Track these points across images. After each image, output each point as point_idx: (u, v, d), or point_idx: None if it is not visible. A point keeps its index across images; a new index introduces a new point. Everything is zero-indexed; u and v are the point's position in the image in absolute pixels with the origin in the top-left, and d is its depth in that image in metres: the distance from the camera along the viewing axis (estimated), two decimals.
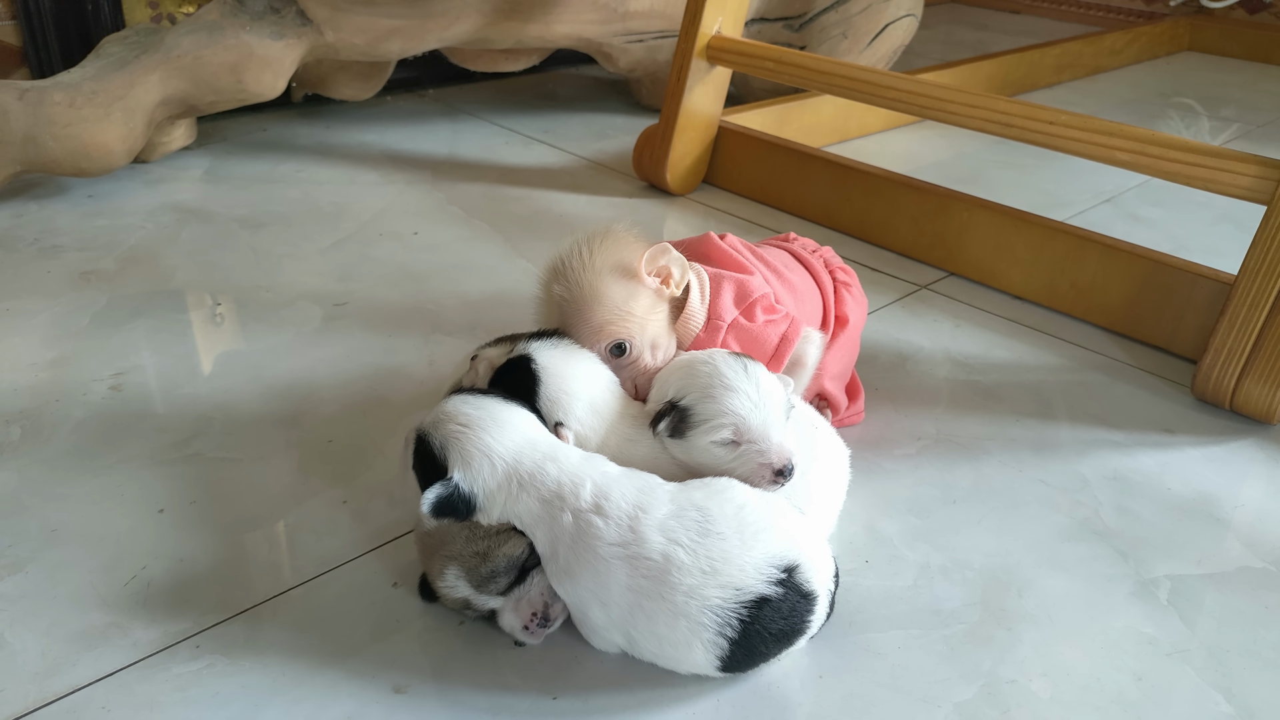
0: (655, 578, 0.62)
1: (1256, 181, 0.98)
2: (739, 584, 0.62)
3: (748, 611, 0.62)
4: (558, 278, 0.79)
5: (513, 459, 0.66)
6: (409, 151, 1.69)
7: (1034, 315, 1.20)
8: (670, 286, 0.80)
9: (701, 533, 0.63)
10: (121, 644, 0.68)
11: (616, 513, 0.64)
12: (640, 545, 0.63)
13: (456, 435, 0.66)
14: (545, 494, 0.65)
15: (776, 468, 0.71)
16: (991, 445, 0.94)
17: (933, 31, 2.84)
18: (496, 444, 0.66)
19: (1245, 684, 0.69)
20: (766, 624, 0.63)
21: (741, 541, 0.64)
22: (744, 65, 1.44)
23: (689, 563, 0.62)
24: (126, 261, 1.25)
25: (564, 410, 0.73)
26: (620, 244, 0.80)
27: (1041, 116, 1.14)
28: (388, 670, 0.66)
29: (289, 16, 1.47)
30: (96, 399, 0.96)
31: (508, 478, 0.66)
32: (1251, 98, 2.29)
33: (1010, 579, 0.77)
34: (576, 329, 0.78)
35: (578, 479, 0.66)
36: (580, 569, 0.64)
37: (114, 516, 0.80)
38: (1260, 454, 0.95)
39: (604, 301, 0.77)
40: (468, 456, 0.66)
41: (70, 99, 1.34)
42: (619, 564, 0.63)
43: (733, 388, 0.71)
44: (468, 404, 0.68)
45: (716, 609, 0.62)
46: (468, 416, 0.67)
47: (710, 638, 0.62)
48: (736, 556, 0.63)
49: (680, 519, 0.64)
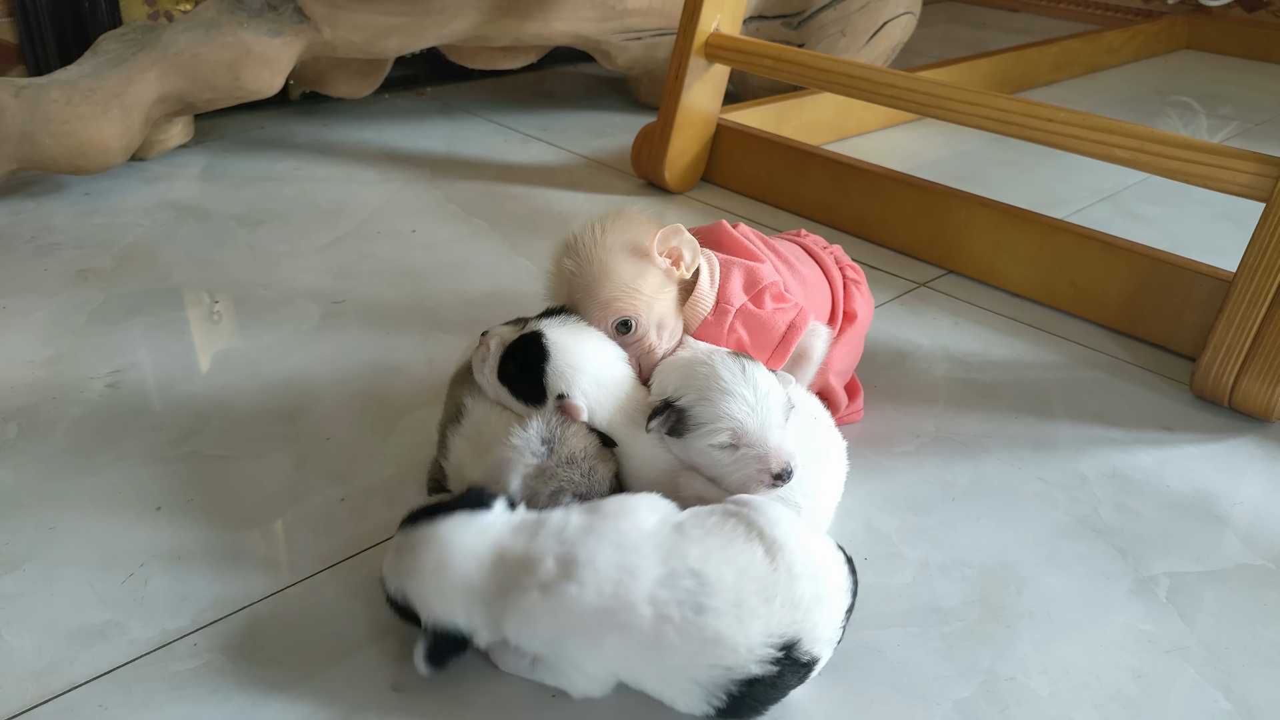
0: (646, 645, 0.59)
1: (1255, 179, 0.98)
2: (730, 664, 0.59)
3: (737, 687, 0.59)
4: (569, 253, 0.80)
5: (466, 581, 0.62)
6: (407, 149, 1.69)
7: (1033, 313, 1.20)
8: (680, 268, 0.81)
9: (695, 609, 0.59)
10: (119, 642, 0.68)
11: (593, 578, 0.60)
12: (629, 614, 0.59)
13: (415, 585, 0.63)
14: (502, 585, 0.62)
15: (774, 472, 0.71)
16: (990, 443, 0.94)
17: (931, 29, 2.84)
18: (442, 584, 0.62)
19: (1244, 681, 0.69)
20: (757, 697, 0.60)
21: (738, 620, 0.59)
22: (742, 63, 1.44)
23: (678, 642, 0.59)
24: (124, 259, 1.25)
25: (568, 383, 0.73)
26: (633, 224, 0.81)
27: (1040, 114, 1.14)
28: (385, 668, 0.66)
29: (286, 14, 1.47)
30: (93, 396, 0.96)
31: (469, 599, 0.62)
32: (1249, 95, 2.29)
33: (1009, 576, 0.77)
34: (584, 304, 0.78)
35: (534, 556, 0.62)
36: (566, 635, 0.61)
37: (111, 514, 0.80)
38: (1259, 451, 0.95)
39: (613, 278, 0.77)
40: (427, 600, 0.63)
41: (67, 96, 1.33)
42: (610, 630, 0.60)
43: (730, 392, 0.71)
44: (411, 537, 0.64)
45: (704, 683, 0.59)
46: (415, 561, 0.63)
47: (699, 697, 0.60)
48: (730, 638, 0.59)
49: (672, 588, 0.60)
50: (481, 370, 0.76)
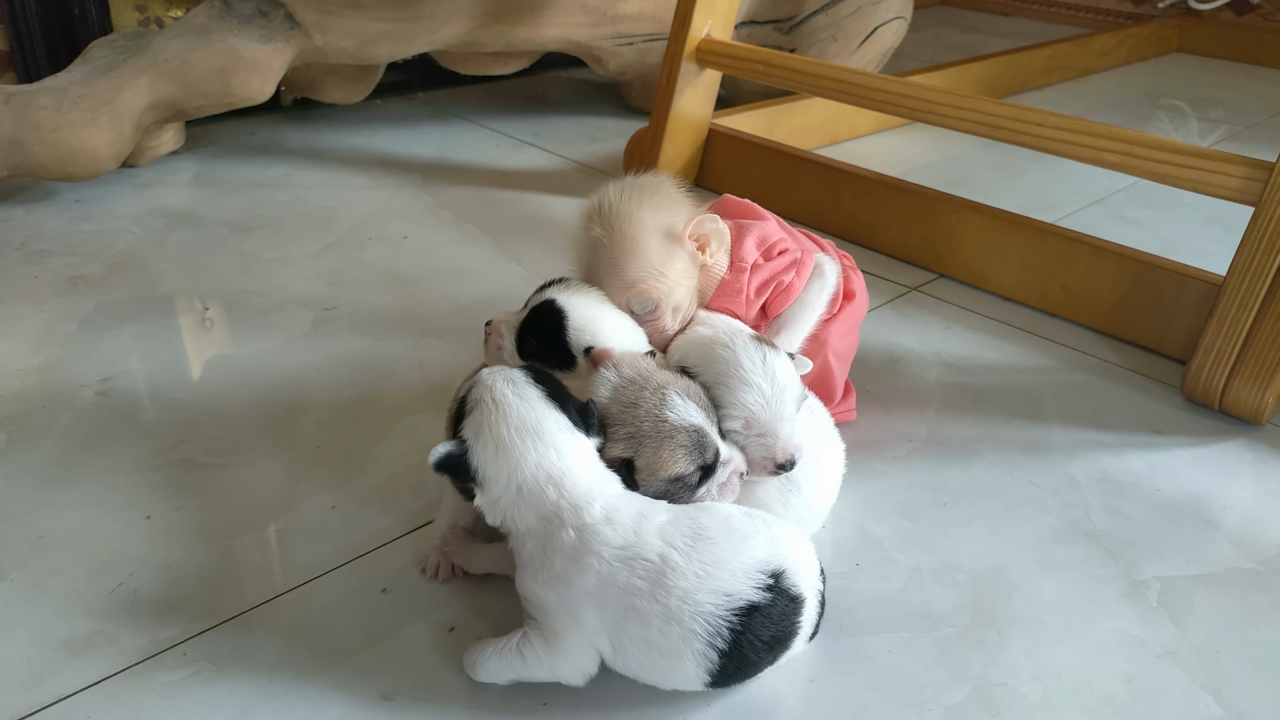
0: (651, 579, 0.62)
1: (1244, 183, 0.99)
2: (729, 589, 0.62)
3: (739, 620, 0.62)
4: (599, 219, 0.80)
5: (517, 468, 0.64)
6: (399, 155, 1.69)
7: (1024, 317, 1.20)
8: (705, 254, 0.81)
9: (694, 538, 0.63)
10: (108, 652, 0.67)
11: (622, 520, 0.64)
12: (640, 547, 0.63)
13: (485, 410, 0.65)
14: (544, 512, 0.64)
15: (779, 461, 0.72)
16: (982, 447, 0.94)
17: (922, 34, 2.85)
18: (511, 445, 0.64)
19: (1235, 685, 0.69)
20: (758, 632, 0.62)
21: (731, 545, 0.64)
22: (733, 68, 1.44)
23: (683, 565, 0.62)
24: (114, 266, 1.24)
25: (592, 333, 0.74)
26: (668, 202, 0.81)
27: (1030, 118, 1.14)
28: (376, 677, 0.66)
29: (277, 20, 1.47)
30: (83, 405, 0.95)
31: (509, 479, 0.64)
32: (1240, 99, 2.30)
33: (1000, 581, 0.77)
34: (607, 276, 0.79)
35: (583, 500, 0.64)
36: (579, 574, 0.63)
37: (101, 523, 0.80)
38: (1249, 454, 0.95)
39: (641, 258, 0.78)
40: (480, 436, 0.64)
41: (57, 103, 1.33)
42: (619, 565, 0.63)
43: (748, 381, 0.72)
44: (514, 388, 0.65)
45: (708, 615, 0.61)
46: (505, 401, 0.65)
47: (701, 648, 0.61)
48: (728, 560, 0.63)
49: (676, 525, 0.64)
50: (499, 356, 0.77)
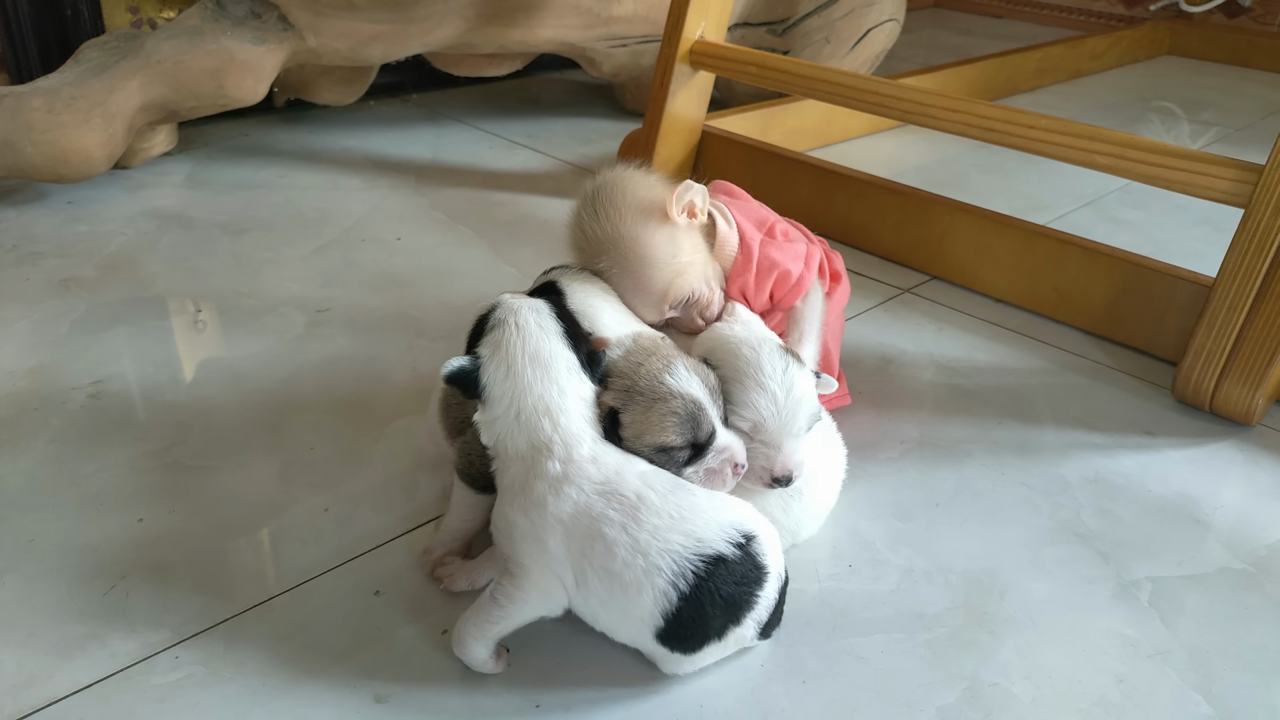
0: (625, 511, 0.63)
1: (1234, 185, 0.99)
2: (701, 535, 0.63)
3: (704, 566, 0.63)
4: (597, 253, 0.80)
5: (522, 394, 0.66)
6: (392, 156, 1.69)
7: (1016, 318, 1.20)
8: (698, 216, 0.82)
9: (675, 486, 0.66)
10: (100, 655, 0.67)
11: (606, 461, 0.66)
12: (620, 485, 0.64)
13: (506, 331, 0.67)
14: (536, 441, 0.66)
15: (776, 474, 0.72)
16: (974, 448, 0.94)
17: (915, 36, 2.85)
18: (522, 371, 0.66)
19: (1225, 685, 0.69)
20: (719, 583, 0.63)
21: (709, 501, 0.66)
22: (727, 70, 1.45)
23: (659, 504, 0.64)
24: (106, 268, 1.24)
25: (591, 320, 0.75)
26: (638, 191, 0.81)
27: (1022, 121, 1.15)
28: (369, 680, 0.66)
29: (270, 21, 1.47)
30: (75, 407, 0.95)
31: (511, 402, 0.66)
32: (1231, 101, 2.31)
33: (992, 582, 0.77)
34: (636, 297, 0.80)
35: (574, 438, 0.66)
36: (556, 501, 0.64)
37: (92, 526, 0.79)
38: (1240, 455, 0.96)
39: (653, 263, 0.79)
40: (495, 355, 0.67)
41: (49, 105, 1.33)
42: (597, 498, 0.64)
43: (764, 387, 0.72)
44: (538, 318, 0.68)
45: (675, 554, 0.62)
46: (526, 329, 0.67)
47: (663, 586, 0.62)
48: (704, 510, 0.65)
49: (658, 474, 0.66)
50: None
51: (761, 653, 0.70)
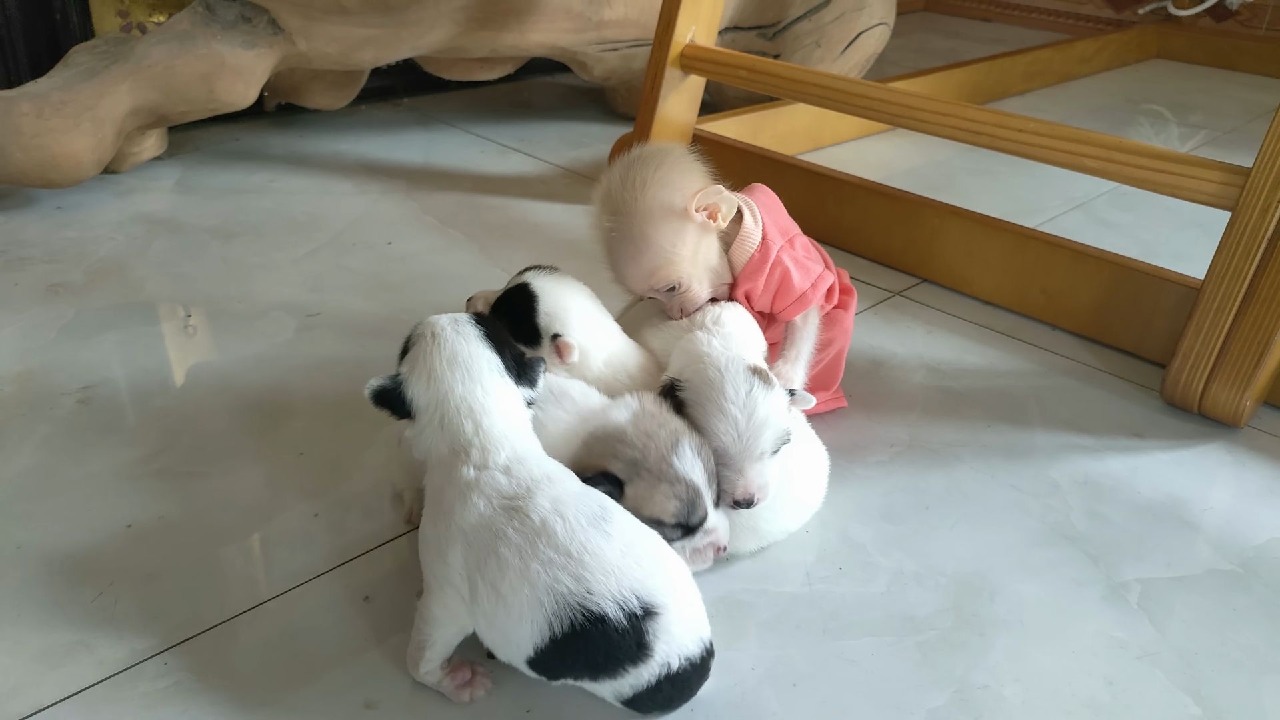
0: (525, 534, 0.60)
1: (1221, 187, 1.00)
2: (593, 587, 0.58)
3: (583, 620, 0.58)
4: (608, 207, 0.82)
5: (445, 397, 0.66)
6: (383, 161, 1.68)
7: (1005, 321, 1.21)
8: (718, 220, 0.82)
9: (591, 522, 0.61)
10: (87, 662, 0.67)
11: (522, 474, 0.63)
12: (527, 503, 0.61)
13: (424, 343, 0.67)
14: (456, 445, 0.65)
15: (737, 498, 0.73)
16: (964, 451, 0.95)
17: (905, 40, 2.86)
18: (442, 376, 0.66)
19: (1214, 686, 0.69)
20: (591, 644, 0.59)
21: (621, 554, 0.60)
22: (717, 74, 1.45)
23: (561, 538, 0.60)
24: (95, 273, 1.24)
25: (562, 323, 0.76)
26: (674, 173, 0.81)
27: (1011, 124, 1.15)
28: (358, 686, 0.66)
29: (261, 25, 1.47)
30: (63, 413, 0.95)
31: (436, 408, 0.66)
32: (1218, 104, 2.33)
33: (982, 584, 0.78)
34: (624, 265, 0.82)
35: (494, 443, 0.64)
36: (462, 510, 0.62)
37: (80, 533, 0.79)
38: (1228, 457, 0.96)
39: (652, 246, 0.80)
40: (416, 367, 0.67)
41: (38, 109, 1.32)
42: (501, 513, 0.61)
43: (726, 412, 0.72)
44: (455, 326, 0.68)
45: (560, 597, 0.58)
46: (442, 335, 0.67)
47: (541, 622, 0.59)
48: (609, 562, 0.59)
49: (580, 500, 0.62)
50: None
51: (751, 656, 0.70)
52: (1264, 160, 0.96)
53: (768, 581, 0.77)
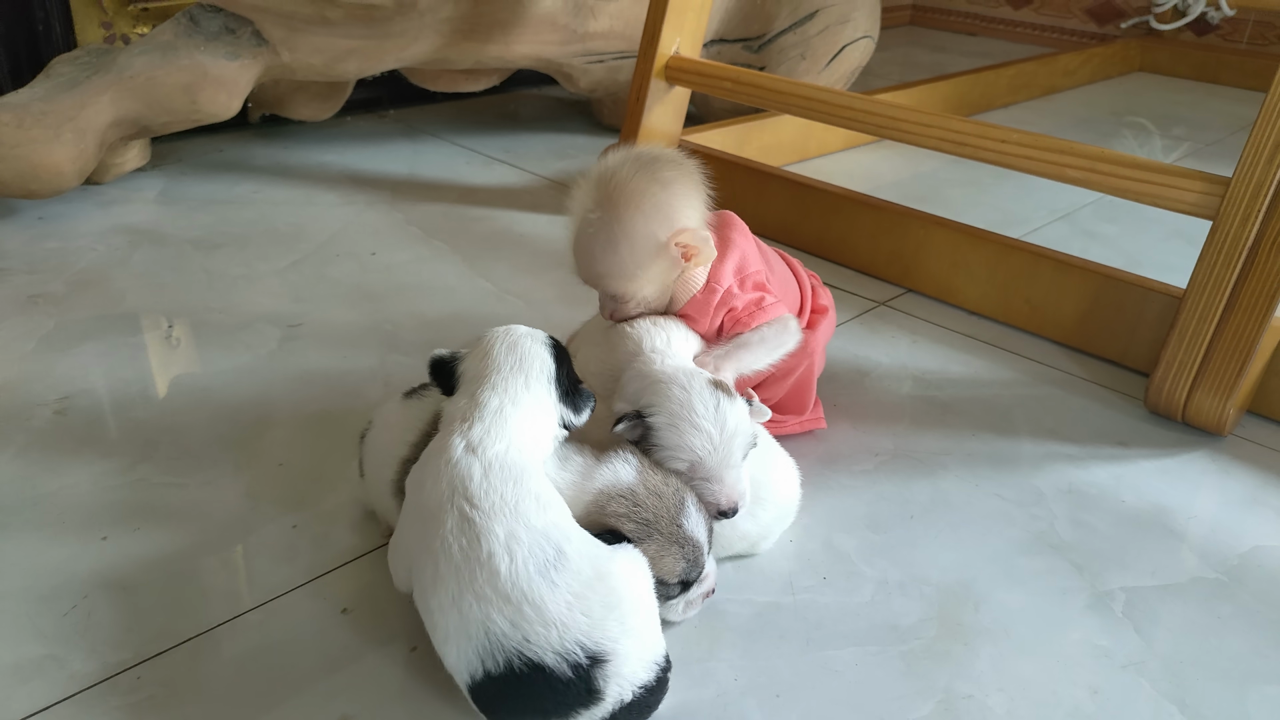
0: (467, 555, 0.58)
1: (1202, 197, 1.00)
2: (530, 634, 0.56)
3: (521, 665, 0.56)
4: (598, 197, 0.81)
5: (487, 373, 0.68)
6: (368, 172, 1.68)
7: (990, 331, 1.21)
8: (688, 263, 0.82)
9: (540, 568, 0.58)
10: (58, 676, 0.66)
11: (498, 480, 0.61)
12: (483, 524, 0.59)
13: (494, 333, 0.70)
14: (469, 407, 0.66)
15: (722, 507, 0.73)
16: (949, 460, 0.94)
17: (891, 53, 2.88)
18: (496, 354, 0.68)
19: (1199, 695, 0.69)
20: (531, 690, 0.57)
21: (567, 606, 0.57)
22: (702, 85, 1.45)
23: (503, 575, 0.57)
24: (76, 284, 1.22)
25: None
26: (674, 202, 0.81)
27: (994, 135, 1.15)
28: (335, 700, 0.65)
29: (244, 36, 1.46)
30: (40, 424, 0.94)
31: (474, 381, 0.68)
32: (1201, 116, 2.34)
33: (967, 594, 0.77)
34: (587, 256, 0.82)
35: (498, 430, 0.65)
36: (424, 476, 0.64)
37: (55, 545, 0.78)
38: (1212, 465, 0.96)
39: (619, 257, 0.80)
40: (477, 347, 0.70)
41: (18, 119, 1.31)
42: (454, 511, 0.60)
43: (699, 427, 0.72)
44: (528, 329, 0.71)
45: (494, 635, 0.57)
46: (514, 330, 0.70)
47: (469, 654, 0.57)
48: (548, 613, 0.57)
49: (535, 542, 0.59)
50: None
51: (734, 666, 0.69)
52: (1244, 170, 0.97)
53: (751, 591, 0.76)
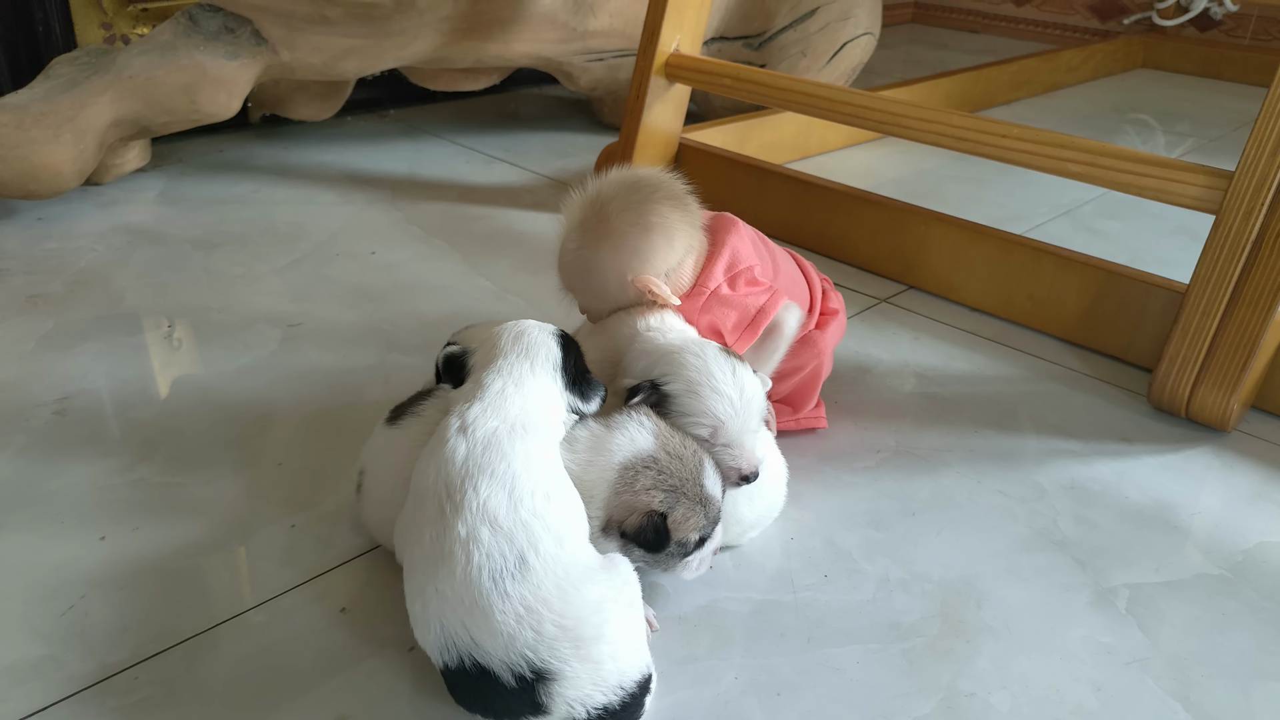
0: (435, 548, 0.59)
1: (1204, 191, 1.00)
2: (478, 638, 0.57)
3: (471, 665, 0.57)
4: (588, 217, 0.82)
5: (496, 359, 0.69)
6: (368, 171, 1.68)
7: (992, 327, 1.20)
8: (649, 299, 0.82)
9: (494, 575, 0.57)
10: (55, 677, 0.65)
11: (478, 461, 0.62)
12: (455, 516, 0.59)
13: (505, 327, 0.72)
14: (472, 389, 0.67)
15: (744, 472, 0.73)
16: (950, 457, 0.94)
17: (893, 51, 2.87)
18: (503, 345, 0.69)
19: (1203, 692, 0.68)
20: (480, 690, 0.57)
21: (516, 620, 0.56)
22: (702, 82, 1.45)
23: (457, 578, 0.57)
24: (76, 284, 1.22)
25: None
26: (655, 244, 0.80)
27: (995, 130, 1.15)
28: (332, 700, 0.64)
29: (244, 36, 1.46)
30: (39, 424, 0.93)
31: (481, 370, 0.69)
32: (1204, 112, 2.34)
33: (969, 591, 0.77)
34: (563, 274, 0.85)
35: (493, 408, 0.65)
36: (422, 463, 0.65)
37: (53, 545, 0.78)
38: (1216, 461, 0.95)
39: (592, 280, 0.82)
40: (487, 339, 0.71)
41: (18, 120, 1.31)
42: (430, 496, 0.62)
43: (719, 391, 0.72)
44: (538, 323, 0.72)
45: (448, 634, 0.57)
46: (522, 323, 0.72)
47: (430, 643, 0.59)
48: (494, 623, 0.56)
49: (497, 543, 0.58)
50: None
51: (735, 665, 0.69)
52: (1247, 164, 0.96)
53: (751, 589, 0.76)
